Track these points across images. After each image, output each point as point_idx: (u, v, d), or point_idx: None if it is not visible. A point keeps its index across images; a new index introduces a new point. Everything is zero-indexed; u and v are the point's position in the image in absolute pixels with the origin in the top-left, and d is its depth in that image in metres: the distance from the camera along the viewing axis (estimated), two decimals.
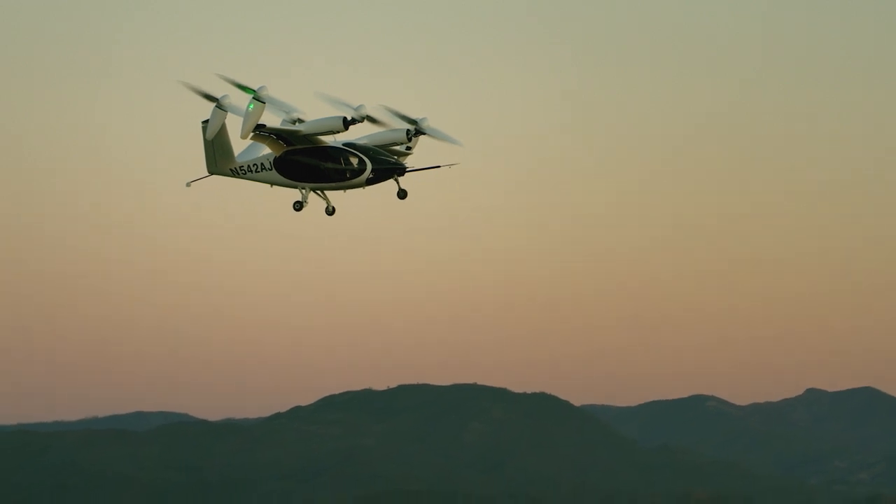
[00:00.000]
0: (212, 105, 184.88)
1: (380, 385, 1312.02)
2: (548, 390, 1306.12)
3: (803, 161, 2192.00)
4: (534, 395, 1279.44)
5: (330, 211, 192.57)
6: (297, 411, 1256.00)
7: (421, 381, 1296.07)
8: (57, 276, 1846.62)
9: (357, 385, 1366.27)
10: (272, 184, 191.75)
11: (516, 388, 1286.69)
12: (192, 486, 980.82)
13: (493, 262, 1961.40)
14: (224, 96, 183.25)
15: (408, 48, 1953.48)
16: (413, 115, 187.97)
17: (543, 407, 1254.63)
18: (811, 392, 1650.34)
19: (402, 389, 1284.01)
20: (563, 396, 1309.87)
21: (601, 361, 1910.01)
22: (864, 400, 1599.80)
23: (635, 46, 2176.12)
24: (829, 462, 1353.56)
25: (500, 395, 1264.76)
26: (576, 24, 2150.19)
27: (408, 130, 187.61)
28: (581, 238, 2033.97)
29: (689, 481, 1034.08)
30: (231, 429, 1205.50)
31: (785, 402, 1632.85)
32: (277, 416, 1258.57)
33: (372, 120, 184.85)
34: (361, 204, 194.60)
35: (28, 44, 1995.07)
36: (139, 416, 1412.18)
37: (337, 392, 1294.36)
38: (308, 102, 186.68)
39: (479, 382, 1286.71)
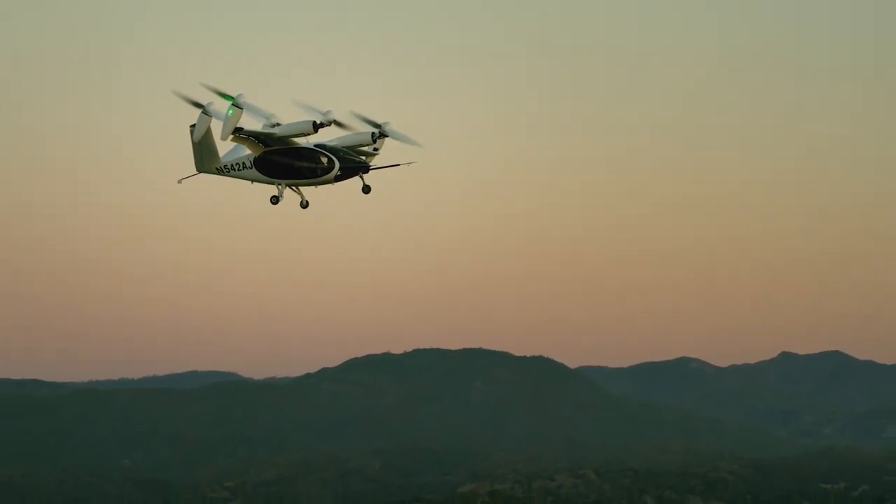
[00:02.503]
0: (198, 111, 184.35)
1: (397, 349, 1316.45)
2: (546, 353, 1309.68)
3: (777, 143, 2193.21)
4: (533, 358, 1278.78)
5: (304, 204, 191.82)
6: (324, 372, 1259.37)
7: (434, 346, 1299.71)
8: (125, 261, 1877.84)
9: (378, 349, 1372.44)
10: (252, 181, 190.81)
11: (517, 352, 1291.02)
12: (233, 434, 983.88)
13: (494, 240, 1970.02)
14: (209, 103, 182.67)
15: (376, 59, 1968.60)
16: (378, 120, 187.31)
17: (542, 368, 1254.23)
18: (785, 355, 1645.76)
19: (418, 353, 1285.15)
20: (559, 359, 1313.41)
21: (596, 327, 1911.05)
22: (833, 362, 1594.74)
23: (592, 47, 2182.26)
24: (798, 417, 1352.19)
25: (502, 358, 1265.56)
26: (533, 29, 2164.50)
27: (373, 133, 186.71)
28: (580, 216, 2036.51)
29: (671, 434, 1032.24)
30: (269, 387, 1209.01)
31: (761, 364, 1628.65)
32: (308, 375, 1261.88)
33: (338, 123, 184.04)
34: (336, 198, 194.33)
35: (37, 47, 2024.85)
36: (193, 374, 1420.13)
37: (360, 355, 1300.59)
38: (284, 108, 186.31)
39: (485, 347, 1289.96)
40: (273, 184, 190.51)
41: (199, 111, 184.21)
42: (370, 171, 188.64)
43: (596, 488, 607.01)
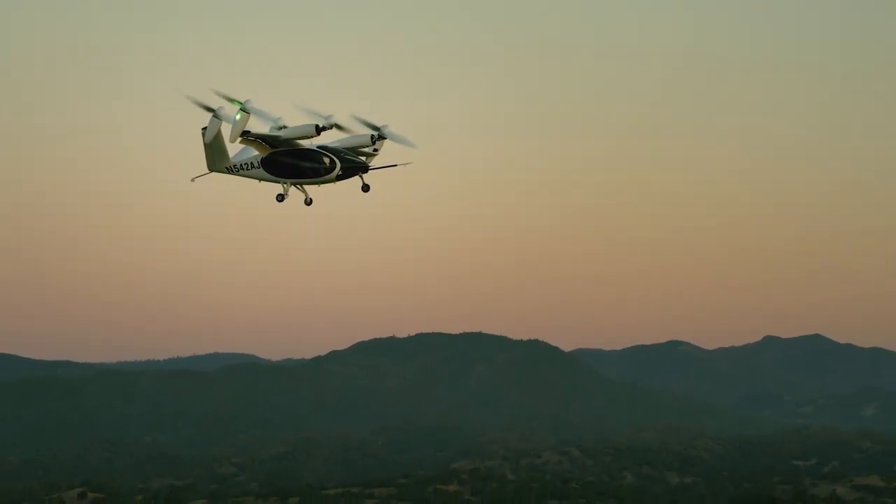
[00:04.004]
0: (209, 115, 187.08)
1: (402, 333, 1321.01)
2: (542, 338, 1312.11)
3: (761, 138, 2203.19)
4: (529, 341, 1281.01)
5: (308, 202, 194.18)
6: (334, 354, 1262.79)
7: (436, 330, 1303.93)
8: (154, 256, 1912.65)
9: (384, 333, 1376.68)
10: (260, 179, 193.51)
11: (514, 336, 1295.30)
12: (247, 413, 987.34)
13: (487, 230, 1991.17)
14: (219, 108, 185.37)
15: (374, 66, 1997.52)
16: (377, 123, 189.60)
17: (538, 352, 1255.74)
18: (769, 339, 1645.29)
19: (420, 337, 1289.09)
20: (554, 343, 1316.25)
21: (590, 313, 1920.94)
22: (815, 346, 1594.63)
23: (582, 49, 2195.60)
24: (781, 398, 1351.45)
25: (501, 341, 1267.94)
26: (518, 37, 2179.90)
27: (372, 135, 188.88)
28: (574, 209, 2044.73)
29: (659, 414, 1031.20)
30: (282, 369, 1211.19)
31: (746, 347, 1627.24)
32: (318, 358, 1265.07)
33: (339, 127, 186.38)
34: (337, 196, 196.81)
35: (59, 57, 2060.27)
36: (215, 356, 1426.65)
37: (367, 339, 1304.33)
38: (289, 112, 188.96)
39: (484, 331, 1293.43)
40: (279, 182, 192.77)
41: (210, 115, 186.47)
42: (369, 171, 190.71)
43: (580, 465, 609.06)
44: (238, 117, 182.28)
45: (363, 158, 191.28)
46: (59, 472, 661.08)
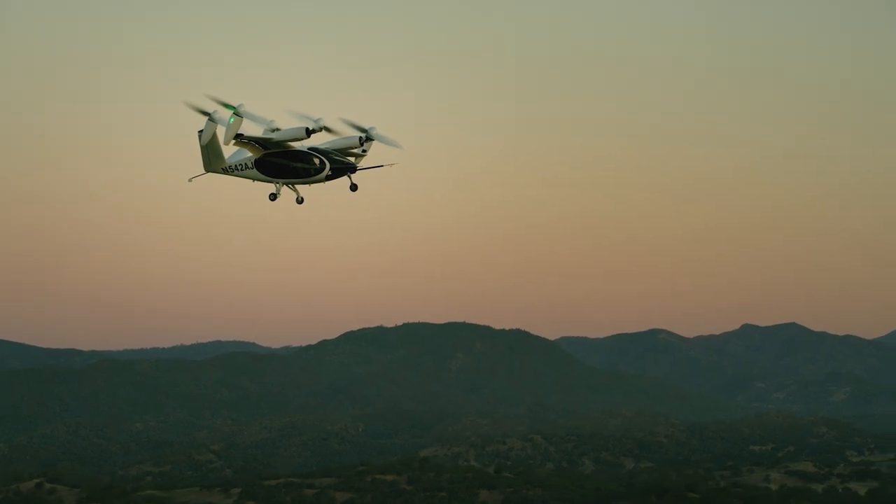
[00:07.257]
0: (206, 118, 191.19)
1: (389, 323, 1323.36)
2: (525, 327, 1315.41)
3: (738, 142, 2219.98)
4: (512, 331, 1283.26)
5: (299, 200, 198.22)
6: (323, 344, 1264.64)
7: (421, 320, 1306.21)
8: (166, 252, 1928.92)
9: (372, 323, 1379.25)
10: (253, 179, 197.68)
11: (497, 326, 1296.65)
12: (237, 400, 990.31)
13: (475, 227, 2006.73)
14: (214, 112, 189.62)
15: (362, 74, 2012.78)
16: (364, 125, 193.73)
17: (521, 340, 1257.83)
18: (746, 327, 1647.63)
19: (407, 326, 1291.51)
20: (537, 332, 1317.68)
21: (574, 304, 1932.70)
22: (790, 333, 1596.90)
23: (568, 55, 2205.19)
24: (754, 384, 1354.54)
25: (484, 331, 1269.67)
26: (509, 44, 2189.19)
27: (360, 137, 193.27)
28: (558, 204, 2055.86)
29: (633, 401, 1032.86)
30: (275, 357, 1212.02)
31: (724, 335, 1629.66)
32: (309, 346, 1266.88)
33: (328, 129, 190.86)
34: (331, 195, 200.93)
35: (65, 63, 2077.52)
36: (217, 344, 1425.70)
37: (356, 328, 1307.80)
38: (281, 116, 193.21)
39: (468, 321, 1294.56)
40: (272, 182, 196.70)
41: (206, 119, 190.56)
42: (357, 171, 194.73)
43: (542, 451, 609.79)
44: (232, 121, 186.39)
45: (352, 159, 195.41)
46: (46, 458, 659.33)
